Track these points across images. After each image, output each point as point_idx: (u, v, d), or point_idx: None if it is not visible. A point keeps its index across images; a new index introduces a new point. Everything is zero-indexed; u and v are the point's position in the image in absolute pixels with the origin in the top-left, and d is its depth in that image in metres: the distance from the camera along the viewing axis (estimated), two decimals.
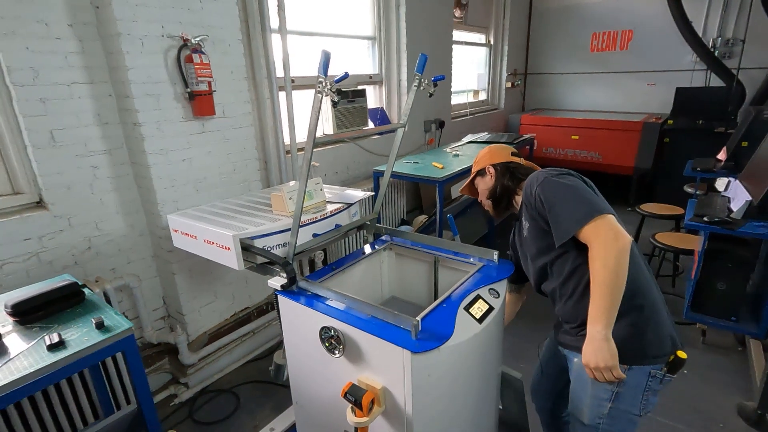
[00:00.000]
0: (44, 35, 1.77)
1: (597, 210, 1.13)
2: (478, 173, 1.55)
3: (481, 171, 1.54)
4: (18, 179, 1.87)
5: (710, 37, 4.99)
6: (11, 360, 1.21)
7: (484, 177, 1.52)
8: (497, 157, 1.51)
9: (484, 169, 1.52)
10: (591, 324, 1.13)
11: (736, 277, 2.38)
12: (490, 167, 1.50)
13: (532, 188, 1.28)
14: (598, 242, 1.11)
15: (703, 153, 3.86)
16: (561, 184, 1.21)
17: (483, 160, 1.54)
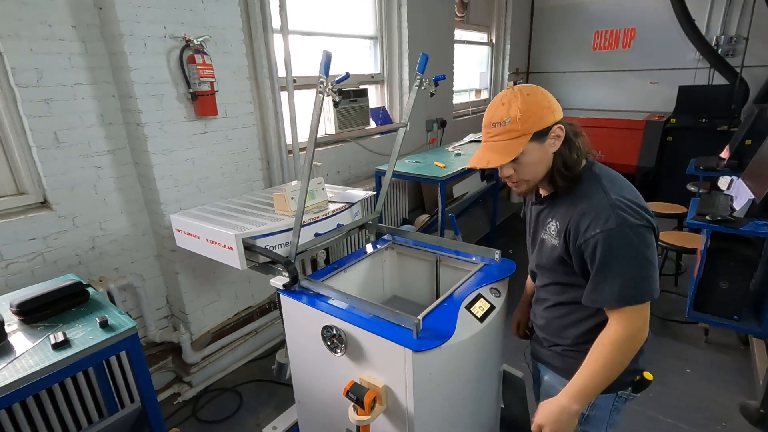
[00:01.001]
0: (48, 36, 1.78)
1: (648, 294, 0.98)
2: (537, 135, 1.01)
3: (542, 132, 1.01)
4: (23, 180, 1.88)
5: (713, 35, 4.96)
6: (17, 358, 1.22)
7: (542, 142, 1.02)
8: (554, 109, 1.02)
9: (549, 128, 1.01)
10: (570, 397, 1.05)
11: (739, 276, 2.38)
12: (559, 125, 1.02)
13: (593, 225, 0.98)
14: (626, 329, 0.99)
15: (706, 152, 3.84)
16: (633, 248, 0.97)
17: (539, 112, 1.00)
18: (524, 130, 1.00)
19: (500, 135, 1.04)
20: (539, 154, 1.04)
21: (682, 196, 3.63)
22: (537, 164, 1.06)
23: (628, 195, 1.02)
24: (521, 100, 1.00)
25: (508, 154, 1.02)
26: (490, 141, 1.07)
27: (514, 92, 1.03)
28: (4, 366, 1.19)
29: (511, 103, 1.01)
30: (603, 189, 1.03)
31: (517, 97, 1.01)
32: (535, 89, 1.04)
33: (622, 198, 1.01)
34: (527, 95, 1.01)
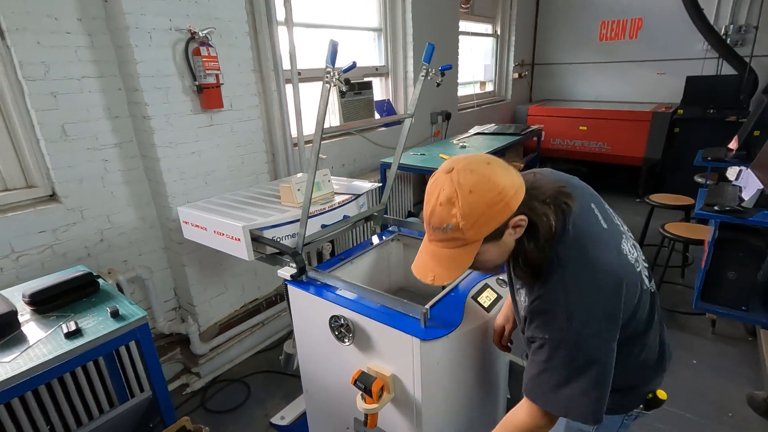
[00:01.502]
0: (54, 30, 1.79)
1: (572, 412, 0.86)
2: (491, 237, 0.83)
3: (496, 232, 0.83)
4: (31, 173, 1.90)
5: (722, 24, 4.89)
6: (30, 347, 1.24)
7: (499, 239, 0.85)
8: (509, 198, 0.80)
9: (505, 224, 0.83)
10: None
11: (747, 267, 2.36)
12: (519, 219, 0.83)
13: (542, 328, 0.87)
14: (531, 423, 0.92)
15: (714, 143, 3.80)
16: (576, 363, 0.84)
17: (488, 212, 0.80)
18: (471, 238, 0.82)
19: (443, 242, 0.85)
20: (498, 251, 0.87)
21: (689, 187, 3.60)
22: (495, 259, 0.90)
23: (597, 298, 0.84)
24: (462, 201, 0.79)
25: (455, 268, 0.86)
26: (434, 244, 0.88)
27: (453, 187, 0.80)
28: (18, 354, 1.21)
29: (451, 205, 0.80)
30: (564, 287, 0.85)
31: (456, 196, 0.80)
32: (481, 180, 0.80)
33: (585, 305, 0.83)
34: (469, 193, 0.79)
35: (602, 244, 0.90)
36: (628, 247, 0.95)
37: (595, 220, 0.94)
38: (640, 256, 1.00)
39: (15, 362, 1.19)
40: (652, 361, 1.03)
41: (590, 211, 0.95)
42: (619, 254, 0.91)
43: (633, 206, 4.90)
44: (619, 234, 0.96)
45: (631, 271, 0.91)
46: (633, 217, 4.56)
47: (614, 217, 1.01)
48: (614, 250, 0.90)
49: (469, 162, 0.83)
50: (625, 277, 0.88)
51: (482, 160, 0.83)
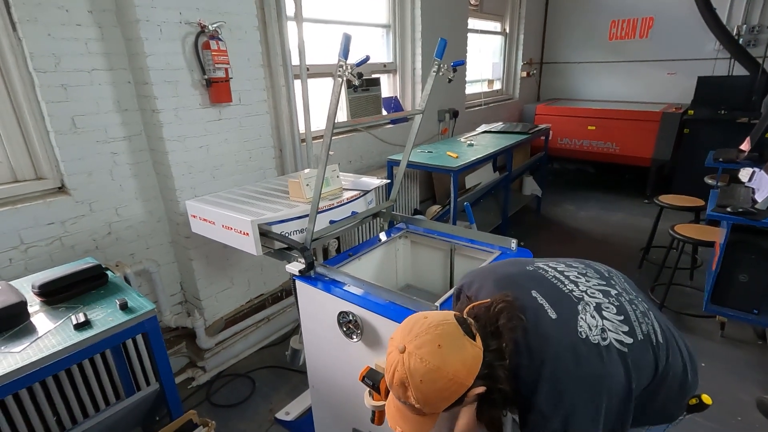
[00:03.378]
0: (65, 21, 1.79)
1: None
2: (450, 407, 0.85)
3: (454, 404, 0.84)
4: (41, 165, 1.90)
5: (735, 24, 4.83)
6: (40, 338, 1.25)
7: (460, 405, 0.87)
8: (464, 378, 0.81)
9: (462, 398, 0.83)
10: None
11: (759, 269, 2.33)
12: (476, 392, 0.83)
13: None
14: None
15: (725, 144, 3.76)
16: None
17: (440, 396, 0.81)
18: (429, 411, 0.84)
19: (405, 407, 0.87)
20: (465, 409, 0.91)
21: (699, 189, 3.56)
22: (463, 414, 0.93)
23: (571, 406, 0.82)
24: (413, 389, 0.80)
25: (421, 430, 0.88)
26: (399, 403, 0.88)
27: (404, 372, 0.81)
28: (27, 345, 1.22)
29: (404, 388, 0.82)
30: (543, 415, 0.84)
31: (408, 382, 0.81)
32: (429, 370, 0.79)
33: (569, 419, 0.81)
34: (420, 383, 0.80)
35: (558, 348, 0.84)
36: (587, 320, 0.87)
37: (543, 315, 0.88)
38: (608, 314, 0.89)
39: (24, 352, 1.19)
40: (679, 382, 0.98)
41: (538, 309, 0.89)
42: (575, 352, 0.83)
43: (641, 207, 4.86)
44: (572, 313, 0.88)
45: (596, 361, 0.83)
46: (641, 219, 4.52)
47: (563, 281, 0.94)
48: (570, 350, 0.84)
49: (420, 345, 0.81)
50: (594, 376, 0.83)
51: (433, 342, 0.81)
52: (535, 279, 0.96)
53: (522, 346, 0.85)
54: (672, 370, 0.95)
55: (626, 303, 0.93)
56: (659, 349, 0.92)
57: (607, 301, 0.92)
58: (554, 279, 0.96)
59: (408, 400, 0.83)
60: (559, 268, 0.99)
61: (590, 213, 4.76)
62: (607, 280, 0.99)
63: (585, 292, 0.93)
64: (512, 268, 1.03)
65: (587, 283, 0.96)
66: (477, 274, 1.07)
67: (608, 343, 0.85)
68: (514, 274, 0.99)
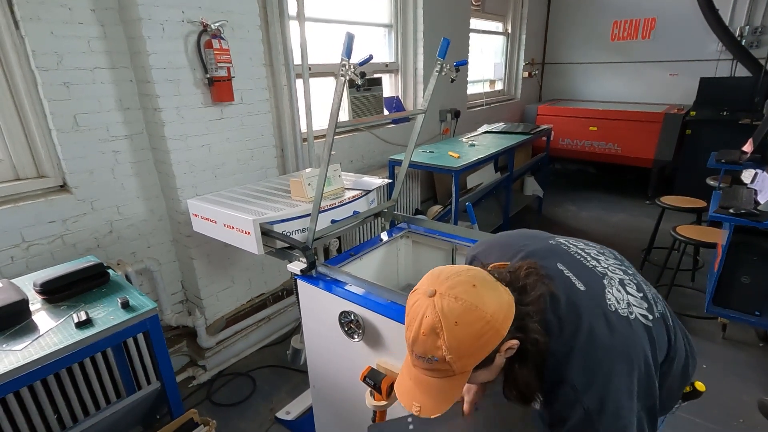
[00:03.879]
0: (68, 20, 1.79)
1: None
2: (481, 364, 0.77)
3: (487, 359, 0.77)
4: (43, 163, 1.90)
5: (737, 25, 4.82)
6: (41, 336, 1.25)
7: (490, 365, 0.79)
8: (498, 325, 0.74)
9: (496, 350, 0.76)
10: None
11: (761, 271, 2.32)
12: (510, 344, 0.77)
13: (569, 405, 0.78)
14: None
15: (727, 145, 3.75)
16: None
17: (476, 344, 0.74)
18: (459, 369, 0.75)
19: (429, 371, 0.78)
20: (488, 373, 0.81)
21: (701, 190, 3.55)
22: (488, 379, 0.84)
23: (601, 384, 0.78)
24: (447, 334, 0.72)
25: (444, 401, 0.79)
26: (419, 371, 0.80)
27: (436, 315, 0.73)
28: (29, 343, 1.22)
29: (435, 336, 0.73)
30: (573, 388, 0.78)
31: (440, 327, 0.72)
32: (467, 309, 0.73)
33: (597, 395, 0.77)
34: (455, 325, 0.72)
35: (591, 318, 0.81)
36: (614, 293, 0.85)
37: (571, 286, 0.84)
38: (630, 290, 0.88)
39: (26, 351, 1.19)
40: (682, 367, 1.00)
41: (566, 279, 0.85)
42: (608, 322, 0.81)
43: (642, 208, 4.85)
44: (599, 286, 0.86)
45: (629, 332, 0.81)
46: (643, 219, 4.51)
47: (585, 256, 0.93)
48: (602, 320, 0.81)
49: (453, 285, 0.75)
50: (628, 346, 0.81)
51: (467, 282, 0.75)
52: (557, 252, 0.94)
53: (551, 314, 0.80)
54: (677, 354, 0.95)
55: (642, 283, 0.95)
56: (670, 330, 0.93)
57: (627, 278, 0.91)
58: (576, 254, 0.94)
59: (437, 353, 0.73)
60: (579, 246, 0.99)
61: (591, 214, 4.75)
62: (621, 262, 1.00)
63: (607, 269, 0.92)
64: (533, 241, 0.98)
65: (606, 261, 0.95)
66: (493, 244, 1.03)
67: (634, 317, 0.84)
68: (537, 248, 0.95)
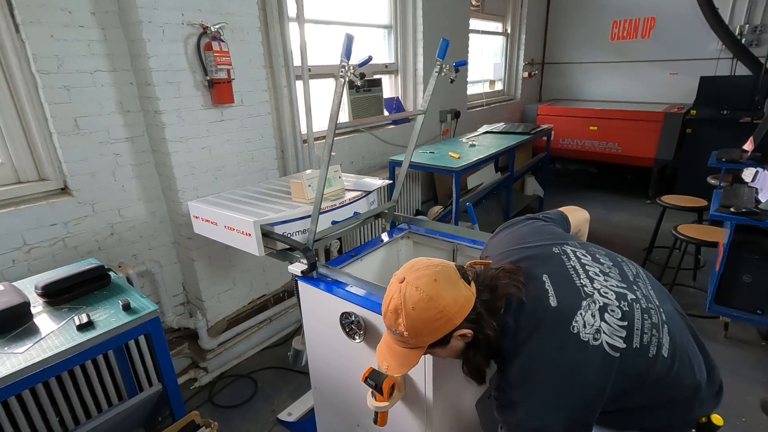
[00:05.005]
0: (68, 23, 1.79)
1: None
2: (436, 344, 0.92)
3: (440, 340, 0.90)
4: (44, 166, 1.91)
5: (737, 24, 4.82)
6: (42, 339, 1.25)
7: (445, 345, 0.93)
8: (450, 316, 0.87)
9: (449, 336, 0.89)
10: None
11: (763, 270, 2.32)
12: (460, 333, 0.89)
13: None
14: None
15: (727, 144, 3.74)
16: None
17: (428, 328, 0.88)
18: (416, 343, 0.92)
19: (395, 340, 0.95)
20: (446, 352, 0.95)
21: (702, 189, 3.54)
22: (448, 356, 0.98)
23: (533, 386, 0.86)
24: (405, 315, 0.87)
25: (404, 365, 0.96)
26: (390, 337, 0.97)
27: (400, 299, 0.88)
28: (30, 346, 1.22)
29: (397, 315, 0.89)
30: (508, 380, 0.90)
31: (401, 308, 0.88)
32: (422, 299, 0.86)
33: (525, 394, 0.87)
34: (412, 309, 0.87)
35: (547, 332, 0.87)
36: (586, 317, 0.87)
37: (543, 299, 0.89)
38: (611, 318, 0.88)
39: (27, 353, 1.19)
40: (688, 392, 0.96)
41: (541, 291, 0.91)
42: (563, 341, 0.85)
43: (643, 207, 4.85)
44: (573, 306, 0.88)
45: (580, 357, 0.84)
46: (644, 219, 4.51)
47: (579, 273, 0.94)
48: (558, 338, 0.86)
49: (419, 277, 0.89)
50: (572, 369, 0.84)
51: (431, 276, 0.89)
52: (552, 263, 0.97)
53: (510, 317, 0.90)
54: (675, 383, 0.93)
55: (638, 311, 0.91)
56: (657, 362, 0.89)
57: (616, 305, 0.90)
58: (571, 269, 0.95)
59: (398, 328, 0.89)
60: (583, 260, 0.99)
61: (592, 213, 4.71)
62: (630, 284, 0.96)
63: (597, 290, 0.92)
64: (539, 243, 1.04)
65: (605, 282, 0.94)
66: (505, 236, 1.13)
67: (599, 344, 0.85)
68: (536, 252, 1.01)
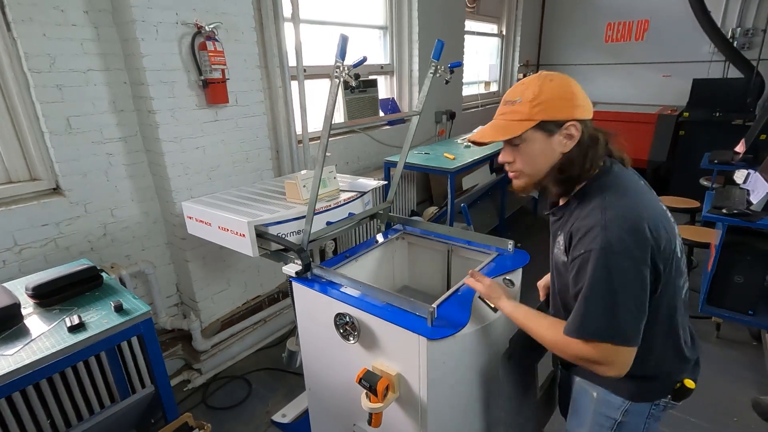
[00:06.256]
0: (61, 22, 1.78)
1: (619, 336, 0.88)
2: (546, 126, 0.93)
3: (553, 123, 0.92)
4: (35, 166, 1.89)
5: (729, 27, 4.86)
6: (33, 341, 1.23)
7: (550, 135, 0.93)
8: (577, 104, 0.93)
9: (562, 122, 0.92)
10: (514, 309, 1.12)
11: (755, 271, 2.34)
12: (575, 124, 0.92)
13: (581, 244, 0.92)
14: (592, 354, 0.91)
15: (720, 146, 3.78)
16: (606, 279, 0.87)
17: (554, 101, 0.92)
18: (531, 115, 0.93)
19: (506, 114, 0.97)
20: (543, 147, 0.95)
21: (695, 190, 3.58)
22: (538, 157, 0.96)
23: (630, 216, 0.89)
24: (540, 84, 0.94)
25: (503, 133, 0.95)
26: (497, 119, 1.01)
27: (540, 76, 0.96)
28: (20, 348, 1.20)
29: (530, 85, 0.95)
30: (602, 205, 0.92)
31: (538, 80, 0.95)
32: (563, 79, 0.96)
33: (620, 218, 0.88)
34: (549, 81, 0.94)
35: (642, 194, 0.96)
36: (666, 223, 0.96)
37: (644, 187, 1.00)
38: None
39: (17, 355, 1.18)
40: (679, 347, 1.03)
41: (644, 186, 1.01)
42: (655, 209, 0.94)
43: None
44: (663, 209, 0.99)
45: (668, 226, 0.94)
46: None
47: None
48: (652, 203, 0.96)
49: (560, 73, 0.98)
50: (661, 224, 0.92)
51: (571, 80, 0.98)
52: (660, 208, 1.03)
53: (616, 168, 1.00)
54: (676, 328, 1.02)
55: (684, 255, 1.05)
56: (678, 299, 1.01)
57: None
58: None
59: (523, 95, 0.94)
60: None
61: None
62: None
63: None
64: None
65: None
66: None
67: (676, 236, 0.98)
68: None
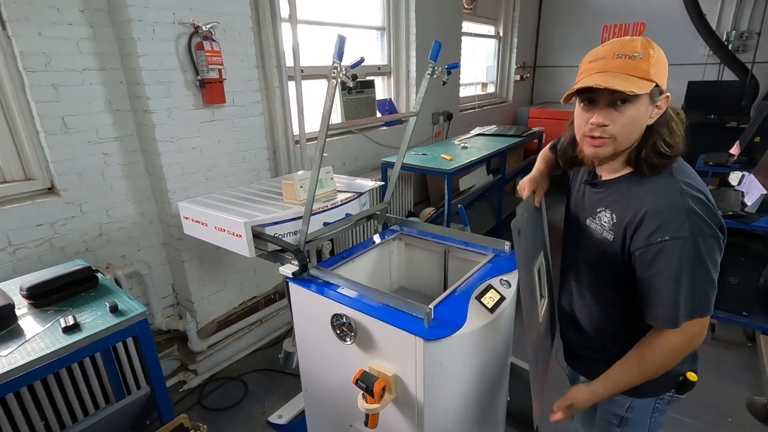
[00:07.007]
0: (56, 21, 1.77)
1: (708, 309, 0.93)
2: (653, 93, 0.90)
3: (657, 92, 0.90)
4: (30, 165, 1.88)
5: (724, 30, 4.90)
6: (27, 341, 1.22)
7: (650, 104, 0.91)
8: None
9: (661, 93, 0.91)
10: (604, 386, 1.05)
11: (749, 272, 2.36)
12: (669, 96, 0.92)
13: (662, 229, 0.89)
14: (684, 336, 0.94)
15: (714, 148, 3.80)
16: (702, 262, 0.89)
17: (663, 68, 0.90)
18: (651, 75, 0.86)
19: (624, 68, 0.86)
20: (644, 113, 0.90)
21: None
22: (635, 125, 0.91)
23: (705, 199, 0.91)
24: (652, 44, 0.88)
25: (638, 87, 0.84)
26: (616, 71, 0.87)
27: (645, 38, 0.89)
28: (14, 348, 1.19)
29: (644, 44, 0.87)
30: (679, 188, 0.91)
31: (646, 40, 0.88)
32: (661, 52, 0.91)
33: (699, 202, 0.89)
34: (657, 48, 0.89)
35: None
36: None
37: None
38: None
39: (11, 356, 1.17)
40: None
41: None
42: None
43: None
44: None
45: None
46: None
47: None
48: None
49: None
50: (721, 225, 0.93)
51: None
52: None
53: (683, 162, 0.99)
54: None
55: None
56: None
57: None
58: None
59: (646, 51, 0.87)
60: None
61: None
62: None
63: None
64: None
65: None
66: None
67: None
68: None
